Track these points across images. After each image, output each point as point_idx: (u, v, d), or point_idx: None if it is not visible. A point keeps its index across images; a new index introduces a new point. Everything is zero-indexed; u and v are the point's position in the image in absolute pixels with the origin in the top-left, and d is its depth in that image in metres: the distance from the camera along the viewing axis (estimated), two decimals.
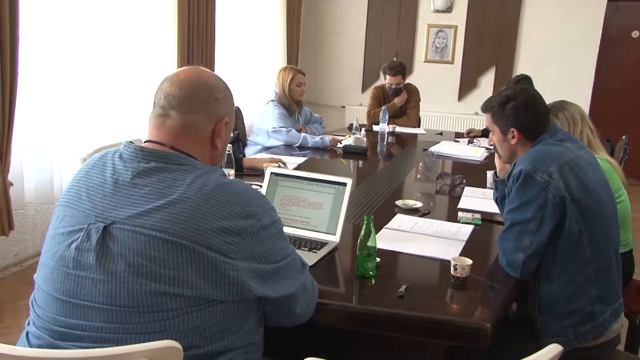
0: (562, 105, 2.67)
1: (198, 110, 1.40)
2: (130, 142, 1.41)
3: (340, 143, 4.24)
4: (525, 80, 4.71)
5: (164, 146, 1.37)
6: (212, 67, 5.16)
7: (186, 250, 1.23)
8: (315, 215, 2.10)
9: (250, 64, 6.22)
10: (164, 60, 4.69)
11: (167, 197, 1.27)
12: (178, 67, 4.62)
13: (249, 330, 1.37)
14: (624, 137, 4.00)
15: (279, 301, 1.39)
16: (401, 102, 5.33)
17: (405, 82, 5.35)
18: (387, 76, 5.25)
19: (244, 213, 1.30)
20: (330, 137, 4.19)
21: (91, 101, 4.00)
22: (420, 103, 5.50)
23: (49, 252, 1.35)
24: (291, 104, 4.37)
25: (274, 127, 4.17)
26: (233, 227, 1.27)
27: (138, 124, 4.27)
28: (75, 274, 1.28)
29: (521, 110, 2.05)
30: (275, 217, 1.39)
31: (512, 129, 2.07)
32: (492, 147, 2.27)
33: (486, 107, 2.17)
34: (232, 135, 4.43)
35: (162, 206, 1.26)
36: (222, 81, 1.49)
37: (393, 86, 5.26)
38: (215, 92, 1.43)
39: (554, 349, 1.23)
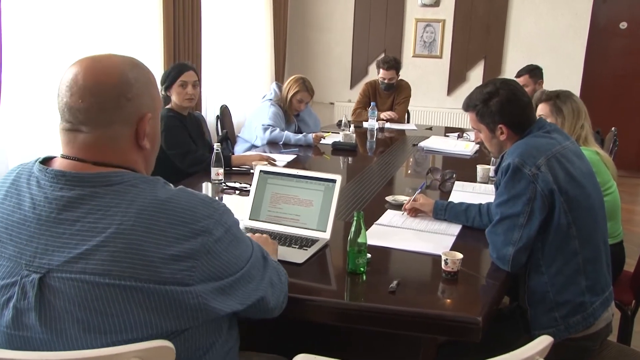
0: (569, 95, 2.67)
1: (111, 120, 1.20)
2: (45, 158, 1.23)
3: (324, 138, 4.23)
4: (538, 70, 4.70)
5: (85, 163, 1.19)
6: (199, 65, 5.11)
7: (137, 292, 1.10)
8: (305, 213, 2.09)
9: (238, 62, 6.18)
10: (149, 57, 4.62)
11: (104, 232, 1.11)
12: (164, 66, 4.62)
13: (223, 340, 1.29)
14: (613, 128, 4.01)
15: (249, 308, 1.29)
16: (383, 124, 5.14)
17: (399, 79, 5.32)
18: (381, 70, 5.21)
19: (193, 231, 1.16)
20: (314, 134, 4.18)
21: None
22: (410, 98, 5.48)
23: None
24: (286, 109, 4.37)
25: (262, 124, 4.16)
26: (184, 252, 1.13)
27: None
28: (19, 335, 1.14)
29: (505, 105, 2.03)
30: (229, 222, 1.24)
31: (500, 126, 2.06)
32: (479, 143, 2.26)
33: (468, 106, 2.13)
34: (220, 134, 4.43)
35: (100, 244, 1.11)
36: (133, 69, 1.25)
37: (386, 81, 5.22)
38: (125, 91, 1.20)
39: (545, 340, 1.24)
